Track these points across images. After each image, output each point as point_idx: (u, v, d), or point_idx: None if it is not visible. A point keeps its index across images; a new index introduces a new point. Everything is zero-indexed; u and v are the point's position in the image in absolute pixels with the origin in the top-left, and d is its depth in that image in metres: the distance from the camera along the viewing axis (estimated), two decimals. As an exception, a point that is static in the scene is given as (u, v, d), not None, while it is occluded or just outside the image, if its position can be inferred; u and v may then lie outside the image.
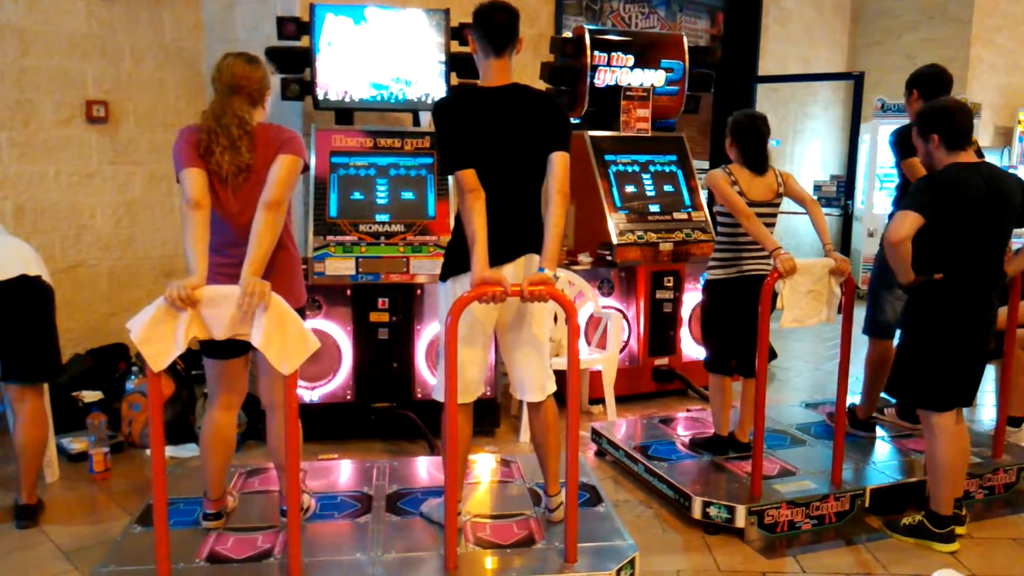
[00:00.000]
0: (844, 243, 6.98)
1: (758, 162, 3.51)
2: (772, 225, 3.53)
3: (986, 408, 4.96)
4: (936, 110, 3.06)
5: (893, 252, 2.96)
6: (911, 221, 2.90)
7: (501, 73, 2.78)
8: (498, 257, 2.69)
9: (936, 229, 2.92)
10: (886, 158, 7.80)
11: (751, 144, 3.51)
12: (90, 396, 4.24)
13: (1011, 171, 8.55)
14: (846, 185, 7.28)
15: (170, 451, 3.91)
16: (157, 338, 2.41)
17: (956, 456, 3.13)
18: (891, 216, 3.80)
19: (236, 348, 2.81)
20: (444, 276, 2.86)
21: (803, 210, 3.63)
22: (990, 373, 5.03)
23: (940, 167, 3.04)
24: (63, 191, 4.65)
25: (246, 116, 2.68)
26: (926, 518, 3.18)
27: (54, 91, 4.55)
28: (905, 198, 3.02)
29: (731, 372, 3.68)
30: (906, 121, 3.74)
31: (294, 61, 4.25)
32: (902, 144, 3.58)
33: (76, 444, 3.94)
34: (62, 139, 4.61)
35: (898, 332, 3.87)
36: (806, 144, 8.40)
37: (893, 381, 3.26)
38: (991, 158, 3.89)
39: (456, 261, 2.77)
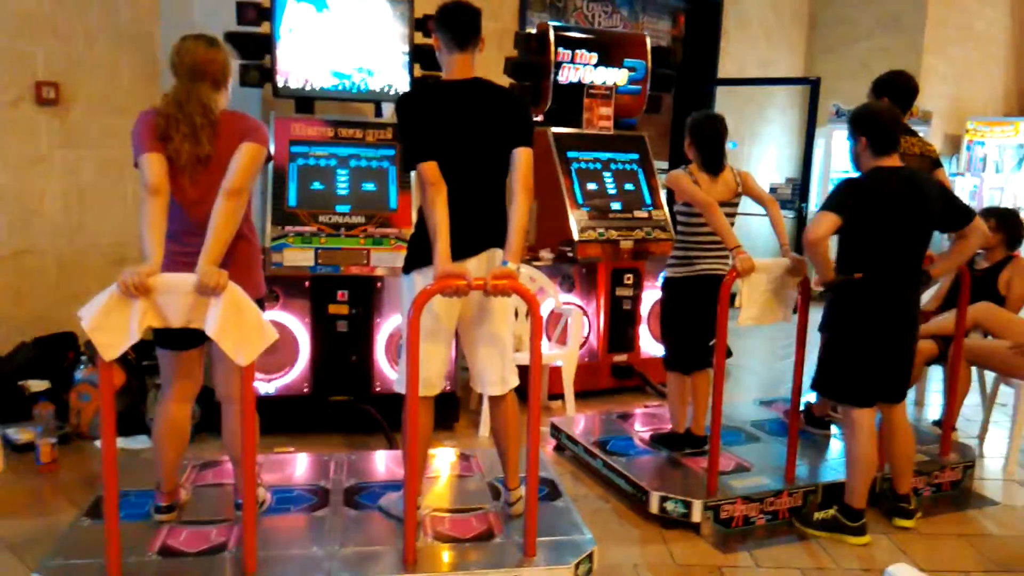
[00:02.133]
0: (798, 244, 7.09)
1: (715, 163, 3.56)
2: (731, 224, 3.57)
3: (933, 407, 5.09)
4: (867, 114, 3.16)
5: (810, 251, 3.07)
6: (828, 221, 3.00)
7: (463, 68, 2.80)
8: (461, 251, 2.68)
9: (855, 230, 3.03)
10: (840, 162, 7.97)
11: (708, 144, 3.55)
12: (37, 385, 4.12)
13: (958, 178, 8.78)
14: (801, 188, 7.42)
15: (121, 443, 3.79)
16: (110, 327, 2.34)
17: (874, 451, 3.22)
18: None
19: (191, 339, 2.75)
20: (407, 269, 2.84)
21: (759, 211, 3.69)
22: (937, 373, 5.18)
23: (865, 169, 3.14)
24: (10, 175, 4.50)
25: (211, 104, 2.62)
26: (839, 512, 3.26)
27: (2, 72, 4.40)
28: (826, 199, 3.12)
29: (688, 371, 3.72)
30: None
31: (254, 47, 4.18)
32: None
33: (22, 435, 3.82)
34: (9, 121, 4.46)
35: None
36: (763, 146, 8.53)
37: (816, 378, 3.34)
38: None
39: (419, 254, 2.76)
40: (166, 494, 2.90)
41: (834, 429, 4.10)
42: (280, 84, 4.19)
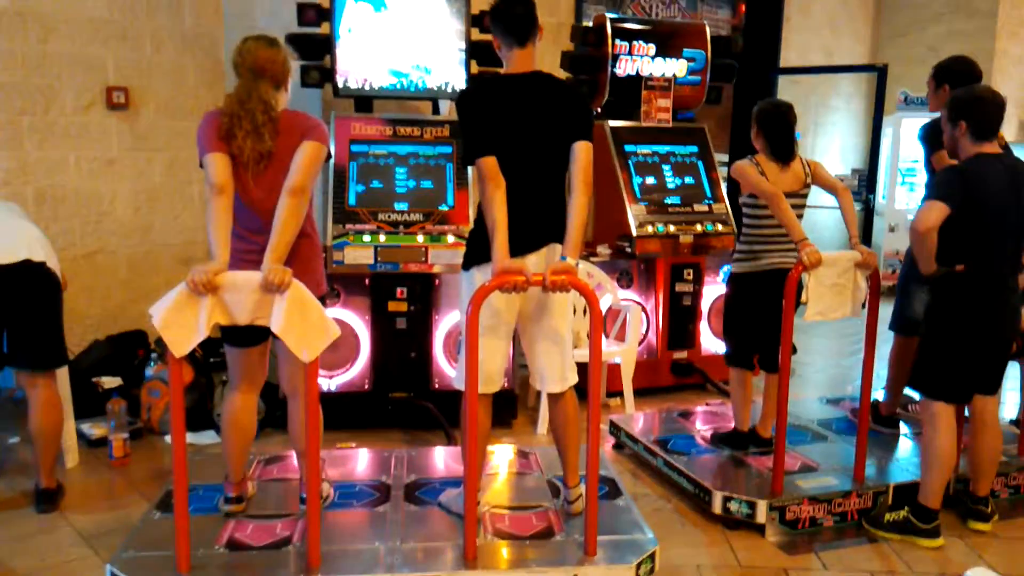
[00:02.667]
0: (865, 238, 6.90)
1: (784, 151, 3.47)
2: (800, 217, 3.49)
3: (1009, 406, 4.89)
4: (970, 98, 3.02)
5: (920, 241, 2.95)
6: (938, 210, 2.88)
7: (525, 61, 2.79)
8: (521, 247, 2.67)
9: (959, 220, 2.91)
10: (909, 152, 7.71)
11: (777, 133, 3.47)
12: (109, 382, 4.26)
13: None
14: (868, 179, 7.20)
15: (189, 438, 3.87)
16: (179, 323, 2.40)
17: (954, 449, 3.11)
18: None
19: (256, 336, 2.81)
20: (467, 265, 2.84)
21: (825, 203, 3.58)
22: (1013, 371, 4.96)
23: (964, 155, 3.02)
24: (83, 177, 4.65)
25: (271, 101, 2.66)
26: (912, 513, 3.15)
27: (75, 77, 4.56)
28: (931, 188, 2.99)
29: (752, 366, 3.65)
30: (931, 115, 3.68)
31: (314, 48, 4.24)
32: (932, 138, 3.53)
33: (95, 430, 3.95)
34: (82, 125, 4.62)
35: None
36: (827, 137, 8.32)
37: (915, 373, 3.24)
38: (1017, 153, 3.82)
39: (479, 250, 2.75)
40: (234, 485, 2.97)
41: (903, 428, 3.98)
42: (340, 84, 4.24)
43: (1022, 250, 3.08)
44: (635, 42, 4.97)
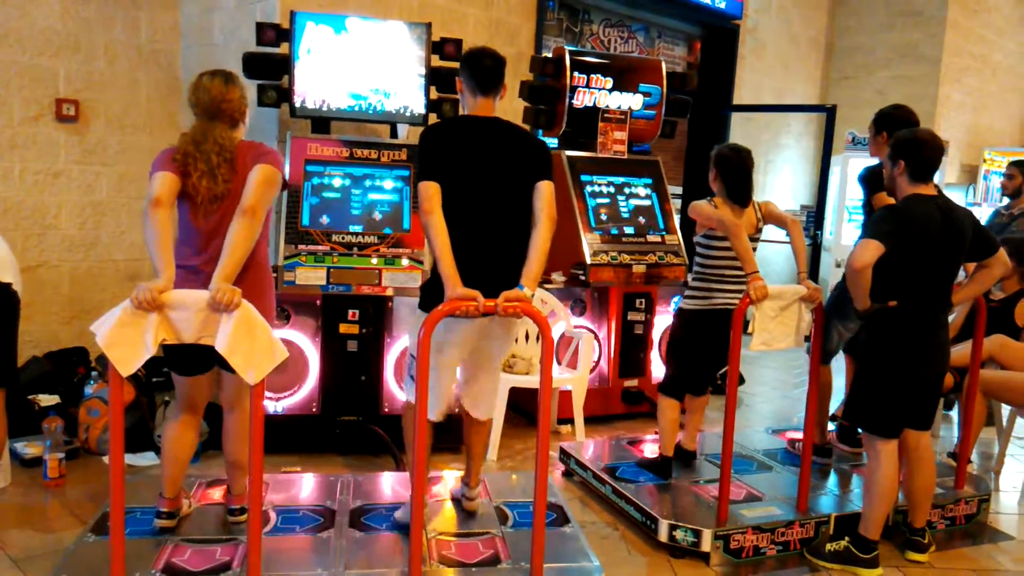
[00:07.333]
0: (812, 273, 7.06)
1: (742, 195, 3.55)
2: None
3: (947, 440, 5.02)
4: (911, 139, 3.12)
5: (855, 278, 3.02)
6: (873, 249, 2.96)
7: (485, 109, 2.90)
8: (482, 289, 2.64)
9: (893, 258, 3.00)
10: (855, 191, 7.92)
11: (736, 177, 3.55)
12: (47, 400, 4.13)
13: (974, 207, 8.75)
14: (816, 216, 7.38)
15: (128, 459, 3.81)
16: (124, 342, 2.34)
17: (896, 482, 3.18)
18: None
19: (201, 365, 2.81)
20: (424, 307, 2.85)
21: (775, 238, 3.67)
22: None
23: (900, 195, 3.12)
24: (28, 189, 4.54)
25: (227, 143, 2.68)
26: (852, 543, 3.21)
27: (24, 88, 4.46)
28: (867, 226, 3.09)
29: (682, 398, 3.72)
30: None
31: (272, 68, 4.21)
32: (871, 181, 3.65)
33: (30, 449, 3.82)
34: (29, 136, 4.52)
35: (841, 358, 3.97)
36: (777, 174, 8.52)
37: (848, 407, 3.31)
38: (957, 195, 3.98)
39: (436, 295, 2.74)
40: (167, 500, 2.94)
41: (836, 456, 4.06)
42: (297, 104, 4.22)
43: (952, 288, 3.18)
44: (593, 75, 5.06)
